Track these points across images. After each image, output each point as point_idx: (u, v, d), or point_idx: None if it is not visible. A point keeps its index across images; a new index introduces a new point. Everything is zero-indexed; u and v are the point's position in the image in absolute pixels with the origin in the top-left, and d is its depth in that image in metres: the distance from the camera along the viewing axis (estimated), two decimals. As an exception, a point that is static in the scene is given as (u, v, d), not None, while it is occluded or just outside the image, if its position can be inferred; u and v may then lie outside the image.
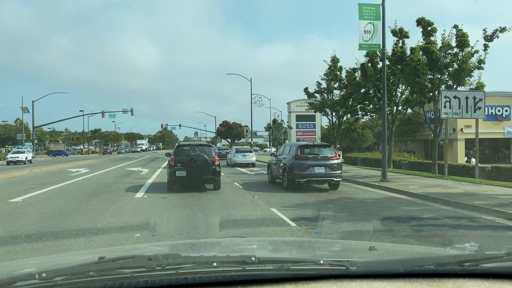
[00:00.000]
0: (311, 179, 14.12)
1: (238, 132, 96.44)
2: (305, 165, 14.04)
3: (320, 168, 14.12)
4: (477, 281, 1.53)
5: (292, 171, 14.08)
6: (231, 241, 2.87)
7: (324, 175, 14.09)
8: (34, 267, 1.84)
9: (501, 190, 12.91)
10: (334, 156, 14.41)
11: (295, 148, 14.75)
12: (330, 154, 14.53)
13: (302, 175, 13.97)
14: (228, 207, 10.60)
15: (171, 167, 14.31)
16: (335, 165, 14.20)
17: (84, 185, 16.89)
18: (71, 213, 9.77)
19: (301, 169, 14.00)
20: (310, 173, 14.01)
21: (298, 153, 14.30)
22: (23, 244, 6.72)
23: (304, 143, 17.48)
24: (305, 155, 14.31)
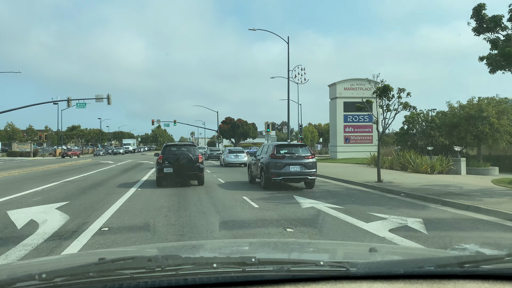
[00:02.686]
0: (287, 177, 14.42)
1: (244, 131, 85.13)
2: (281, 163, 14.36)
3: (296, 166, 14.42)
4: (477, 282, 1.53)
5: (269, 170, 14.42)
6: (231, 241, 2.89)
7: (299, 173, 14.41)
8: (34, 268, 1.84)
9: None
10: (309, 155, 14.79)
11: (272, 147, 15.13)
12: (305, 153, 14.90)
13: (278, 174, 14.29)
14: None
15: (159, 165, 16.03)
16: (309, 164, 14.54)
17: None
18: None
19: (277, 167, 14.32)
20: (285, 172, 14.32)
21: (274, 152, 14.64)
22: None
23: (280, 142, 17.70)
24: (281, 154, 14.66)
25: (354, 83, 39.91)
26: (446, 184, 15.33)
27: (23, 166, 33.48)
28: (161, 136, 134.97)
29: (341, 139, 40.36)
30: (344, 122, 40.33)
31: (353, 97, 37.76)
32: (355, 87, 39.61)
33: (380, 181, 16.13)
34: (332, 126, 42.38)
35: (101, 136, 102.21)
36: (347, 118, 40.27)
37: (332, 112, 41.67)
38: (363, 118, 39.72)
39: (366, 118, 39.06)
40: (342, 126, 40.38)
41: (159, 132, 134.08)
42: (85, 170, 26.75)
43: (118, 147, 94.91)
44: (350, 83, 40.15)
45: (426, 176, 19.02)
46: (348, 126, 40.51)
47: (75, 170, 26.82)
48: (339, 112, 40.15)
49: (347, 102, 38.93)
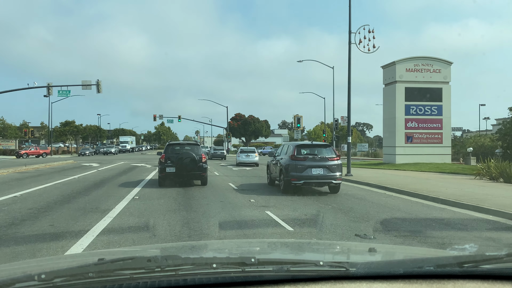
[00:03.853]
0: (309, 181, 13.25)
1: (255, 129, 77.53)
2: (302, 166, 13.19)
3: (319, 169, 13.21)
4: (476, 282, 1.53)
5: (288, 173, 13.27)
6: (230, 242, 2.88)
7: (323, 176, 13.22)
8: (33, 269, 1.84)
9: None
10: (334, 157, 13.61)
11: (292, 147, 14.00)
12: (329, 154, 13.71)
13: (299, 177, 13.10)
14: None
15: (161, 164, 15.67)
16: (334, 166, 13.35)
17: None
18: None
19: (298, 170, 13.16)
20: (307, 175, 13.14)
21: (294, 153, 13.52)
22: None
23: (301, 142, 16.13)
24: (302, 156, 13.53)
25: (419, 62, 30.66)
26: None
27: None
28: (164, 134, 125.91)
29: (401, 137, 30.64)
30: (405, 114, 30.54)
31: (417, 81, 30.16)
32: (420, 68, 30.52)
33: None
34: (388, 121, 31.95)
35: (99, 133, 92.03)
36: (410, 110, 30.55)
37: (388, 101, 31.92)
38: (431, 110, 30.59)
39: (435, 110, 30.42)
40: (402, 121, 30.57)
41: (163, 130, 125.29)
42: (20, 184, 15.75)
43: (110, 145, 78.34)
44: (414, 62, 30.67)
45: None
46: (411, 120, 30.67)
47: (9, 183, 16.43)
48: (399, 101, 30.42)
49: (410, 88, 30.24)
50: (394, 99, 30.63)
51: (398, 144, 30.71)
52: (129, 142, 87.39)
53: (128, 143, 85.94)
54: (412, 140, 30.79)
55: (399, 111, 30.61)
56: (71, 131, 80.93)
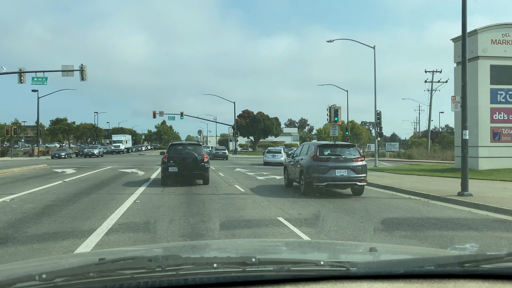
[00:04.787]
0: (332, 183, 12.69)
1: (265, 127, 71.84)
2: (325, 167, 12.62)
3: (342, 170, 12.62)
4: (477, 282, 1.53)
5: (310, 174, 12.73)
6: (231, 242, 2.89)
7: (347, 178, 12.63)
8: (34, 268, 1.84)
9: None
10: (358, 157, 13.09)
11: (314, 148, 13.43)
12: (353, 155, 13.18)
13: (322, 179, 12.55)
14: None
15: (164, 164, 16.07)
16: (359, 168, 12.79)
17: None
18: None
19: (320, 171, 12.61)
20: (330, 176, 12.56)
21: (317, 154, 12.93)
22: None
23: (324, 142, 15.31)
24: (325, 156, 12.97)
25: (509, 31, 22.16)
26: None
27: None
28: (165, 134, 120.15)
29: (486, 133, 22.31)
30: (491, 103, 22.24)
31: (508, 57, 21.93)
32: (510, 38, 22.10)
33: None
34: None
35: (95, 132, 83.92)
36: (497, 96, 22.25)
37: (473, 78, 20.52)
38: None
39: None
40: (487, 111, 22.23)
41: (164, 129, 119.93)
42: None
43: (93, 145, 61.89)
44: (503, 31, 22.13)
45: None
46: (499, 111, 22.38)
47: None
48: (482, 85, 21.90)
49: (498, 67, 21.95)
50: (476, 81, 21.26)
51: (482, 143, 22.18)
52: (123, 141, 73.73)
53: (122, 142, 72.79)
54: (501, 138, 22.51)
55: (482, 97, 22.01)
56: (63, 130, 73.09)
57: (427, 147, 55.23)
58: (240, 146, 73.98)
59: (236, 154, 62.64)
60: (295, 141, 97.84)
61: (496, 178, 18.27)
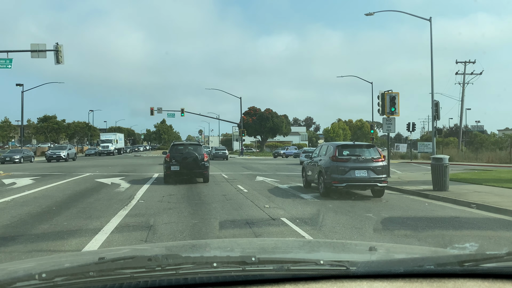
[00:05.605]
0: (351, 184, 12.55)
1: (274, 125, 66.88)
2: (344, 167, 12.52)
3: (362, 171, 12.50)
4: (477, 281, 1.53)
5: (329, 175, 12.63)
6: (231, 241, 2.89)
7: (367, 179, 12.50)
8: (34, 268, 1.84)
9: None
10: (379, 158, 12.92)
11: (333, 148, 13.25)
12: (373, 155, 12.99)
13: (341, 179, 12.44)
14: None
15: (166, 163, 16.90)
16: (379, 168, 12.65)
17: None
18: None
19: (340, 172, 12.51)
20: (350, 177, 12.45)
21: (336, 154, 12.81)
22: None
23: (343, 142, 15.33)
24: (344, 157, 12.83)
25: None
26: None
27: None
28: (165, 133, 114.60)
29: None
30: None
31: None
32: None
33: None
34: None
35: (89, 131, 76.51)
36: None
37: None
38: None
39: None
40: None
41: (163, 128, 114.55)
42: None
43: (62, 145, 45.24)
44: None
45: None
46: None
47: None
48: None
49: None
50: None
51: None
52: (112, 140, 64.25)
53: (111, 142, 63.54)
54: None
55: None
56: (51, 128, 63.71)
57: (457, 147, 48.86)
58: (244, 146, 67.60)
59: (243, 155, 57.73)
60: (303, 140, 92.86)
61: None
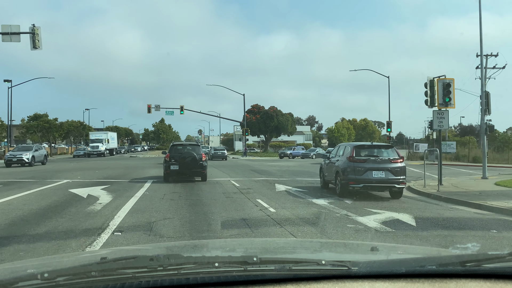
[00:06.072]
0: (368, 184, 12.47)
1: (279, 123, 63.87)
2: (362, 168, 12.46)
3: (380, 172, 12.41)
4: (479, 281, 1.53)
5: (346, 175, 12.57)
6: (233, 241, 2.89)
7: (384, 180, 12.40)
8: (36, 267, 1.85)
9: None
10: (397, 159, 12.77)
11: (350, 148, 13.16)
12: (391, 156, 12.85)
13: (358, 180, 12.37)
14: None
15: (166, 162, 17.45)
16: (397, 169, 12.50)
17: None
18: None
19: (357, 173, 12.44)
20: (367, 178, 12.38)
21: (353, 155, 12.72)
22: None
23: (360, 143, 15.39)
24: (362, 157, 12.75)
25: None
26: None
27: None
28: (164, 133, 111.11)
29: None
30: None
31: None
32: None
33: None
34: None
35: (83, 130, 72.27)
36: None
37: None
38: None
39: None
40: None
41: (162, 127, 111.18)
42: None
43: (24, 146, 36.42)
44: None
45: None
46: None
47: None
48: None
49: None
50: None
51: None
52: (103, 140, 58.79)
53: (102, 141, 58.11)
54: None
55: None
56: (42, 127, 58.65)
57: (478, 147, 42.64)
58: (247, 146, 64.59)
59: (247, 156, 54.51)
60: (308, 140, 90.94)
61: None
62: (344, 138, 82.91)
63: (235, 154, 65.50)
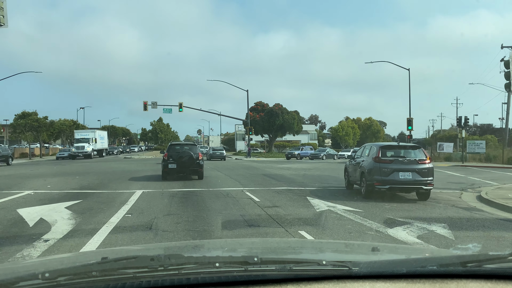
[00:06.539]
0: (395, 186, 12.25)
1: (284, 122, 60.04)
2: (388, 169, 12.25)
3: (407, 173, 12.20)
4: (480, 282, 1.53)
5: (372, 176, 12.40)
6: (233, 241, 2.89)
7: (411, 181, 12.17)
8: (37, 267, 1.85)
9: None
10: (425, 160, 12.53)
11: (376, 149, 12.98)
12: (419, 156, 12.63)
13: (384, 181, 12.16)
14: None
15: (164, 161, 18.20)
16: (425, 170, 12.27)
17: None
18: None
19: (383, 173, 12.23)
20: (393, 179, 12.17)
21: (379, 155, 12.56)
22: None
23: (387, 143, 14.90)
24: (388, 158, 12.59)
25: None
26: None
27: None
28: (162, 132, 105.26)
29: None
30: None
31: None
32: None
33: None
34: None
35: (76, 129, 63.43)
36: None
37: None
38: None
39: None
40: None
41: (160, 127, 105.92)
42: None
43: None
44: None
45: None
46: None
47: None
48: None
49: None
50: None
51: None
52: (90, 139, 51.92)
53: (89, 141, 51.36)
54: None
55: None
56: (30, 126, 54.09)
57: (503, 146, 38.90)
58: (253, 147, 60.90)
59: (250, 157, 50.83)
60: (313, 139, 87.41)
61: None
62: (349, 138, 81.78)
63: (237, 154, 62.98)
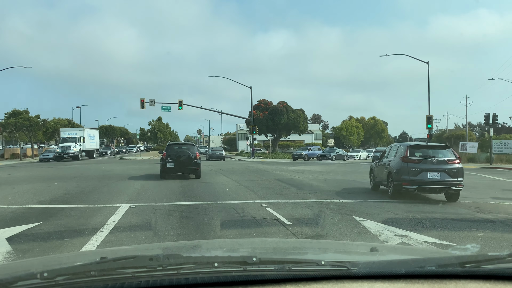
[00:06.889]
0: (423, 186, 12.00)
1: (289, 120, 56.92)
2: (416, 169, 12.05)
3: (435, 173, 11.97)
4: (478, 282, 1.53)
5: (399, 176, 12.22)
6: (232, 241, 2.89)
7: (440, 182, 11.91)
8: (36, 267, 1.85)
9: None
10: (454, 160, 12.29)
11: (404, 148, 12.79)
12: (448, 156, 12.39)
13: (412, 181, 11.94)
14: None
15: (163, 160, 18.81)
16: (454, 171, 12.02)
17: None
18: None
19: (411, 173, 12.02)
20: (421, 179, 11.94)
21: (407, 155, 12.37)
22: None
23: (414, 143, 14.52)
24: (416, 158, 12.38)
25: None
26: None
27: None
28: (161, 132, 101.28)
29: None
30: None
31: None
32: None
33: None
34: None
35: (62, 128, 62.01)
36: None
37: None
38: None
39: None
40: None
41: (159, 126, 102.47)
42: None
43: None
44: None
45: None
46: None
47: None
48: None
49: None
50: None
51: None
52: (77, 139, 46.05)
53: (76, 141, 45.60)
54: None
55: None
56: (20, 125, 50.87)
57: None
58: (256, 147, 58.83)
59: (254, 157, 48.52)
60: (317, 139, 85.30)
61: None
62: (354, 137, 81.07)
63: (240, 155, 59.91)
